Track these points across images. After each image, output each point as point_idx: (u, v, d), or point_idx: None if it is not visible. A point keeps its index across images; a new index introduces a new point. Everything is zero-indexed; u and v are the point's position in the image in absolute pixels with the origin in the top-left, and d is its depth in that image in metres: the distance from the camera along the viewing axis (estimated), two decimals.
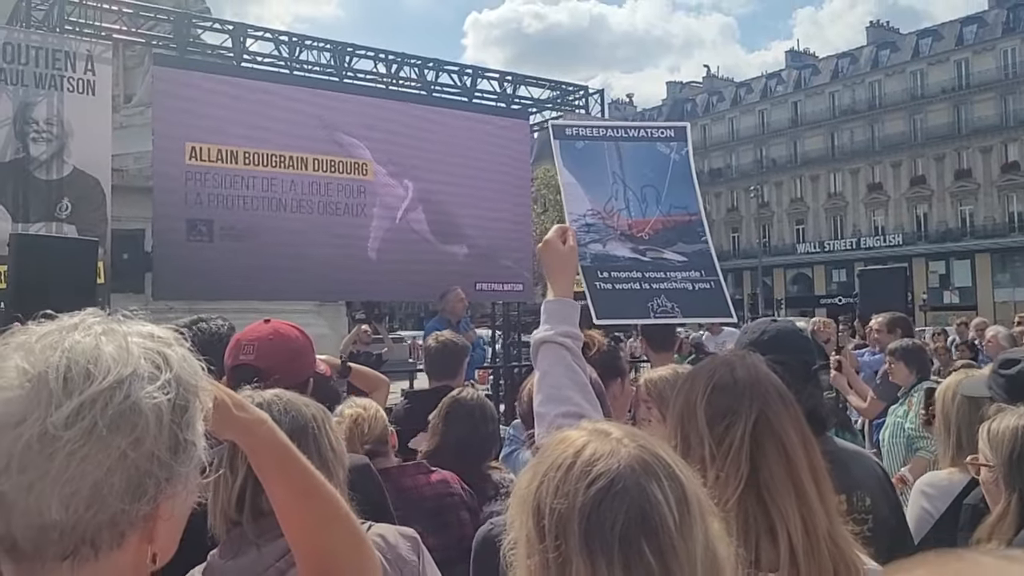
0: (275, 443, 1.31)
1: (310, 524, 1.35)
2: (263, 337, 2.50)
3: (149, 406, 0.95)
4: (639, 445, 1.16)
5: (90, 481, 0.92)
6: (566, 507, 1.10)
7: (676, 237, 2.48)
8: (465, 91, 13.17)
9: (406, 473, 3.18)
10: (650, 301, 2.40)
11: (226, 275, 10.06)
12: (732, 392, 1.73)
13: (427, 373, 5.00)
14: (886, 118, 55.94)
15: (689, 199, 2.56)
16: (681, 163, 2.62)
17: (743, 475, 1.63)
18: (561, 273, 2.22)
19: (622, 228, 2.46)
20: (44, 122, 8.88)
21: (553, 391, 2.00)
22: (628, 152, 2.60)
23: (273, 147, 10.58)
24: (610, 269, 2.40)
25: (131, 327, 1.02)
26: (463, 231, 12.15)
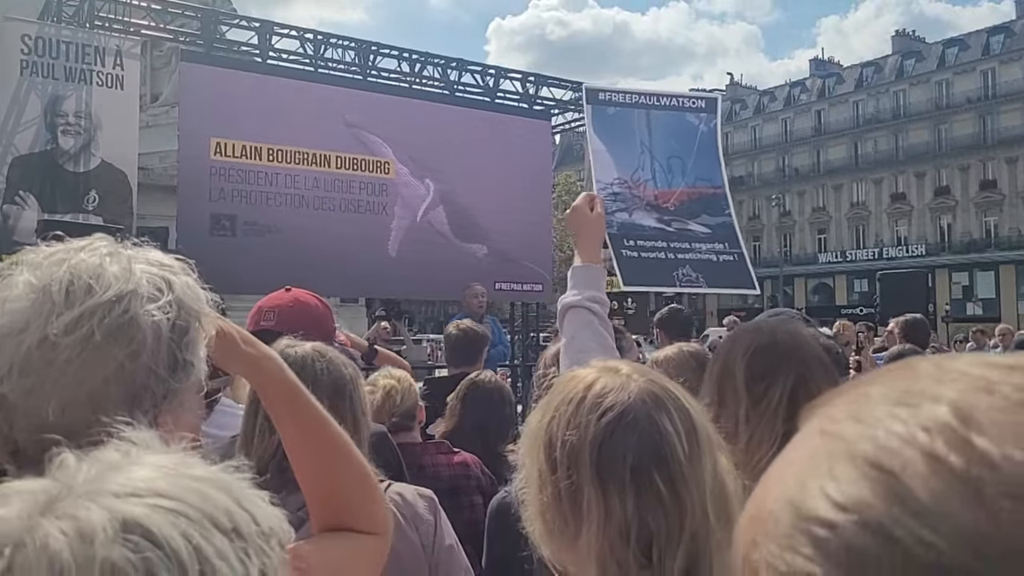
0: (283, 379, 1.32)
1: (319, 464, 1.35)
2: (284, 304, 2.56)
3: (148, 322, 0.98)
4: (648, 379, 1.19)
5: (87, 388, 0.94)
6: (578, 439, 1.13)
7: (701, 209, 2.50)
8: (488, 91, 13.21)
9: (427, 451, 3.22)
10: (675, 270, 2.42)
11: (248, 270, 10.13)
12: (772, 354, 1.74)
13: (446, 360, 5.04)
14: (910, 128, 55.50)
15: (714, 172, 2.57)
16: (708, 135, 2.64)
17: (778, 435, 1.64)
18: (588, 239, 2.24)
19: (648, 198, 2.48)
20: (73, 115, 9.02)
21: (580, 355, 2.00)
22: (657, 121, 2.62)
23: (297, 144, 10.67)
24: (636, 238, 2.42)
25: (138, 253, 1.06)
26: (483, 231, 12.18)
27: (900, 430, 0.38)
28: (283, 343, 2.05)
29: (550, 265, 13.71)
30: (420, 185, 11.66)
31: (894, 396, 0.40)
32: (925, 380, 0.40)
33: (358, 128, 11.17)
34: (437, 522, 2.06)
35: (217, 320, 1.18)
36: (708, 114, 2.60)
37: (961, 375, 0.40)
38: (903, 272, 15.49)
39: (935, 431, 0.37)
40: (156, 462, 0.63)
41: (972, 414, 0.37)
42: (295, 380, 1.33)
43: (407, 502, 2.03)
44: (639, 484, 1.10)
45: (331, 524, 1.35)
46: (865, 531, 0.36)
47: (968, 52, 54.65)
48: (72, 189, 8.93)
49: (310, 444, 1.34)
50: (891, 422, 0.39)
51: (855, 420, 0.41)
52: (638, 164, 2.55)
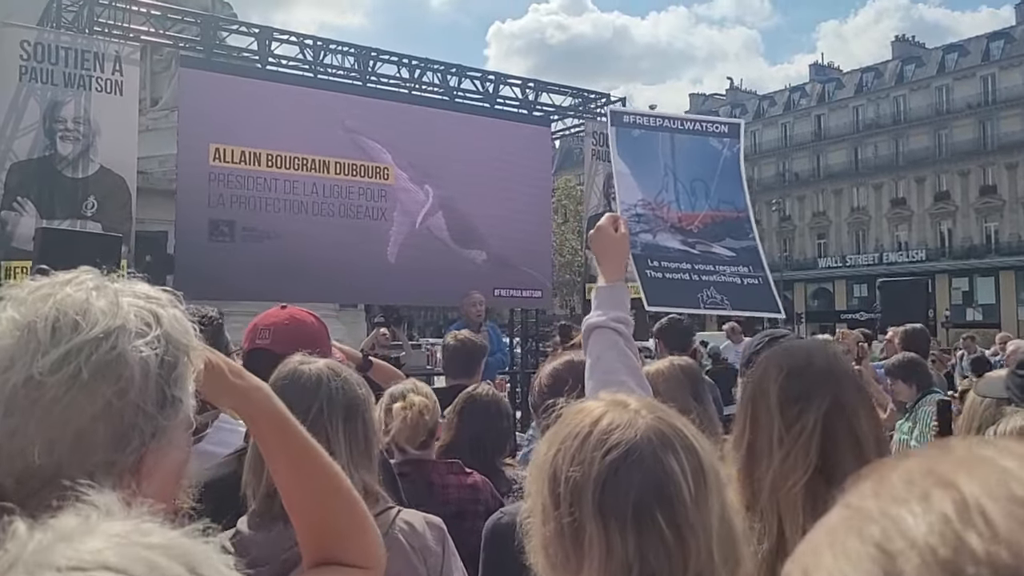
0: (273, 411, 1.30)
1: (309, 496, 1.34)
2: (279, 322, 2.54)
3: (136, 359, 0.96)
4: (656, 416, 1.17)
5: (74, 427, 0.93)
6: (581, 475, 1.11)
7: (724, 232, 2.49)
8: (487, 97, 13.21)
9: (437, 469, 3.17)
10: (700, 292, 2.41)
11: (246, 276, 10.13)
12: (807, 377, 1.72)
13: (444, 371, 5.02)
14: (910, 133, 55.54)
15: (737, 196, 2.57)
16: (731, 160, 2.64)
17: (812, 460, 1.62)
18: (612, 259, 2.23)
19: (672, 220, 2.47)
20: (72, 121, 9.00)
21: (606, 376, 1.99)
22: (681, 144, 2.62)
23: (296, 150, 10.66)
24: (660, 259, 2.41)
25: (126, 286, 1.03)
26: (483, 237, 12.17)
27: (907, 517, 0.42)
28: (296, 359, 2.04)
29: (549, 271, 13.70)
30: (419, 191, 11.65)
31: (915, 478, 0.44)
32: (949, 464, 0.44)
33: (357, 134, 11.16)
34: (445, 554, 2.03)
35: (205, 352, 1.15)
36: (731, 139, 2.62)
37: (984, 464, 0.43)
38: (903, 280, 15.50)
39: (935, 522, 0.40)
40: (111, 530, 0.61)
41: (973, 510, 0.40)
42: (285, 411, 1.32)
43: (416, 532, 1.99)
44: (641, 523, 1.08)
45: (321, 557, 1.33)
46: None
47: (968, 58, 54.70)
48: (70, 195, 8.91)
49: (300, 476, 1.33)
50: (901, 507, 0.42)
51: (875, 497, 0.44)
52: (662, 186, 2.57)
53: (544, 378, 2.47)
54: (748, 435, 1.72)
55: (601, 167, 13.19)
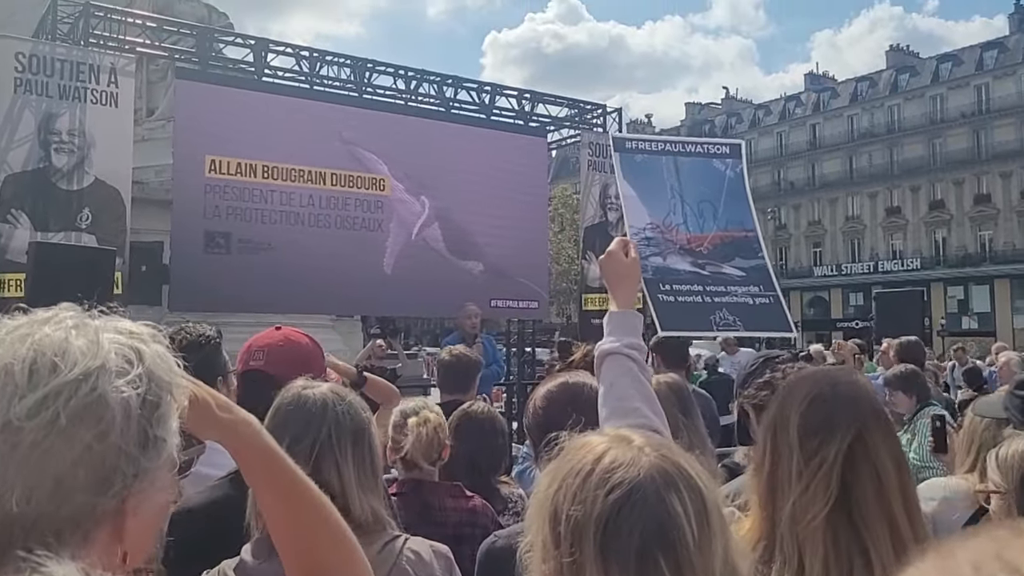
0: (260, 445, 1.29)
1: (296, 529, 1.32)
2: (273, 343, 2.53)
3: (117, 400, 0.94)
4: (660, 454, 1.15)
5: (53, 473, 0.90)
6: (583, 514, 1.09)
7: (734, 252, 2.47)
8: (483, 108, 13.22)
9: (437, 492, 3.14)
10: (712, 314, 2.39)
11: (243, 288, 10.12)
12: (830, 407, 1.69)
13: (439, 387, 5.00)
14: (905, 142, 55.70)
15: (744, 215, 2.56)
16: (736, 180, 2.63)
17: (833, 494, 1.60)
18: (624, 284, 2.20)
19: (681, 242, 2.45)
20: (67, 133, 8.98)
21: (620, 404, 1.96)
22: (685, 167, 2.61)
23: (292, 161, 10.65)
24: (671, 282, 2.39)
25: (106, 323, 1.01)
26: (479, 248, 12.17)
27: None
28: (299, 384, 2.03)
29: (546, 281, 13.71)
30: (415, 202, 11.65)
31: (982, 562, 0.43)
32: (1017, 549, 0.43)
33: (354, 145, 11.16)
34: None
35: (191, 387, 1.13)
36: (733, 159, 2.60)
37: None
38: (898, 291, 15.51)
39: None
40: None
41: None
42: (273, 445, 1.30)
43: (423, 562, 1.96)
44: (643, 566, 1.06)
45: None
46: None
47: (962, 67, 54.92)
48: (65, 207, 8.88)
49: (288, 509, 1.31)
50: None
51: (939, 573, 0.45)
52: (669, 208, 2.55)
53: (538, 400, 2.45)
54: (768, 465, 1.70)
55: (597, 177, 13.20)
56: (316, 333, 3.75)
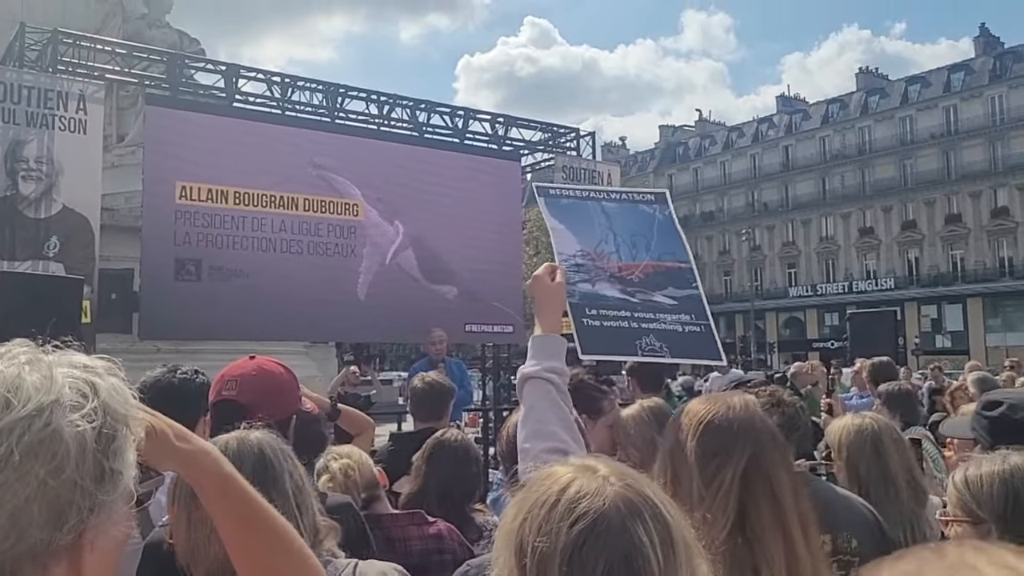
0: (220, 474, 1.27)
1: (258, 557, 1.31)
2: (247, 373, 2.48)
3: (71, 434, 0.93)
4: (625, 484, 1.13)
5: (8, 510, 0.90)
6: (548, 546, 1.08)
7: (666, 281, 2.45)
8: (457, 132, 13.23)
9: (398, 523, 3.09)
10: (639, 339, 2.37)
11: (214, 315, 10.00)
12: (726, 432, 1.70)
13: (412, 414, 4.95)
14: (876, 163, 56.47)
15: (678, 249, 2.54)
16: (666, 221, 2.61)
17: (730, 516, 1.61)
18: (549, 309, 2.23)
19: (612, 270, 2.43)
20: (34, 160, 8.87)
21: (538, 426, 1.98)
22: (612, 209, 2.60)
23: (264, 187, 10.57)
24: (599, 307, 2.37)
25: (61, 357, 1.01)
26: (453, 272, 12.12)
27: None
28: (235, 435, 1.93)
29: (521, 306, 13.66)
30: (389, 227, 11.60)
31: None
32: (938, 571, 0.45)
33: (326, 170, 11.11)
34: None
35: (148, 418, 1.13)
36: (660, 204, 2.58)
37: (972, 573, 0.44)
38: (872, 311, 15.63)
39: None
40: None
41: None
42: (233, 473, 1.29)
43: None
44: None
45: None
46: None
47: (930, 89, 55.86)
48: (32, 235, 8.76)
49: (249, 538, 1.31)
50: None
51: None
52: (601, 238, 2.51)
53: (511, 428, 2.42)
54: (670, 491, 1.69)
55: None
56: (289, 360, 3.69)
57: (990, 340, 49.28)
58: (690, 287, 2.40)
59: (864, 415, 3.25)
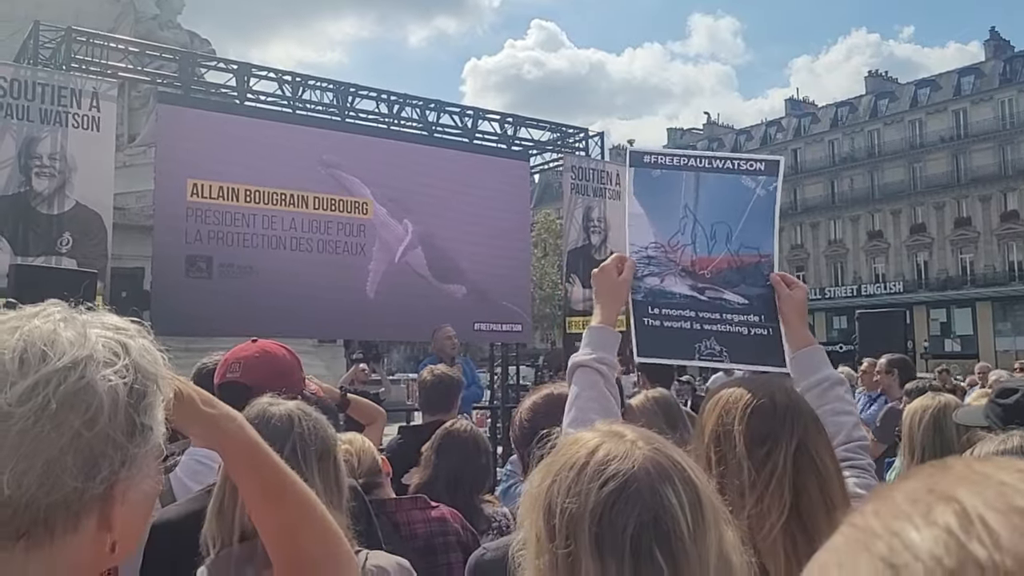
0: (245, 440, 1.29)
1: (283, 523, 1.32)
2: (250, 356, 2.51)
3: (104, 388, 0.96)
4: (654, 448, 1.15)
5: (43, 459, 0.93)
6: (577, 508, 1.10)
7: (740, 278, 2.36)
8: (466, 132, 13.26)
9: (401, 507, 3.11)
10: (698, 343, 2.31)
11: (224, 312, 10.05)
12: (772, 417, 1.69)
13: (421, 407, 4.97)
14: (885, 166, 56.28)
15: (764, 238, 2.42)
16: (765, 199, 2.47)
17: (786, 502, 1.60)
18: (609, 301, 2.24)
19: (684, 264, 2.37)
20: (48, 157, 8.94)
21: (582, 415, 2.01)
22: (708, 183, 2.48)
23: (274, 185, 10.63)
24: (662, 306, 2.31)
25: (93, 318, 1.04)
26: (462, 271, 12.16)
27: (911, 531, 0.44)
28: (265, 400, 2.00)
29: (529, 305, 13.70)
30: (398, 226, 11.64)
31: (917, 496, 0.46)
32: (949, 481, 0.46)
33: (336, 169, 11.16)
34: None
35: (175, 382, 1.15)
36: (768, 176, 2.48)
37: (983, 478, 0.45)
38: (881, 311, 15.60)
39: (939, 535, 0.43)
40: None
41: (975, 521, 0.42)
42: (258, 439, 1.31)
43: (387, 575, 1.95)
44: (638, 559, 1.06)
45: None
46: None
47: (940, 92, 55.67)
48: (45, 232, 8.82)
49: (274, 504, 1.32)
50: (905, 523, 0.44)
51: (879, 516, 0.46)
52: (678, 228, 2.43)
53: (524, 412, 2.45)
54: (716, 479, 1.70)
55: (580, 201, 13.24)
56: None
57: (1000, 344, 49.05)
58: (764, 285, 2.33)
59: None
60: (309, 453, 1.90)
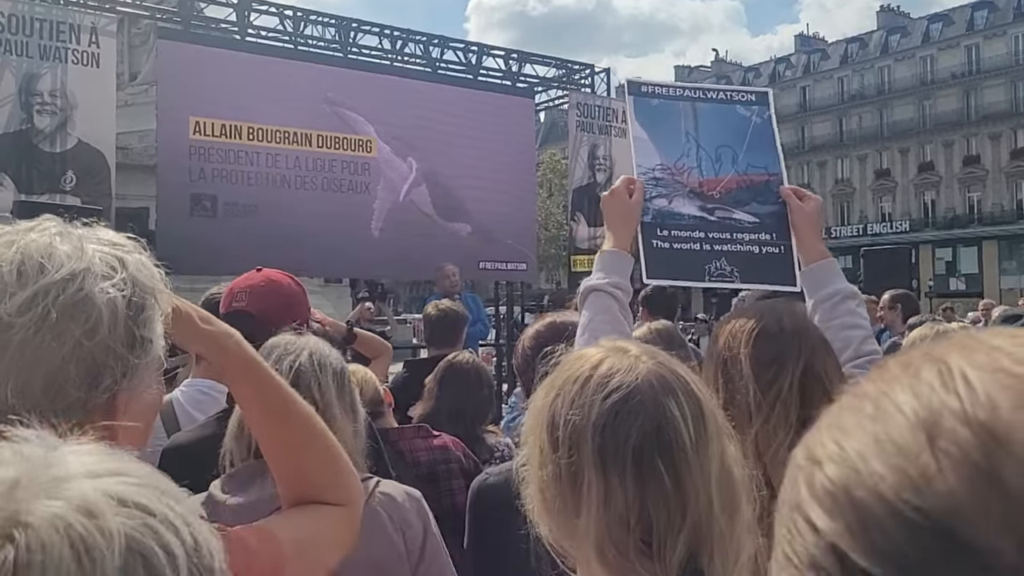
0: (244, 357, 1.30)
1: (284, 440, 1.33)
2: (256, 284, 2.51)
3: (103, 300, 0.98)
4: (657, 362, 1.16)
5: (45, 368, 0.94)
6: (581, 419, 1.11)
7: (750, 197, 2.32)
8: (470, 68, 13.11)
9: (404, 436, 3.15)
10: (708, 263, 2.28)
11: (229, 251, 10.05)
12: (779, 340, 1.69)
13: (426, 341, 5.00)
14: (895, 104, 55.59)
15: (770, 159, 2.39)
16: (762, 126, 2.43)
17: (792, 423, 1.61)
18: (622, 225, 2.20)
19: (692, 186, 2.33)
20: (48, 94, 8.87)
21: (593, 337, 1.98)
22: (704, 112, 2.45)
23: (277, 122, 10.54)
24: (671, 227, 2.27)
25: (89, 232, 1.05)
26: (467, 210, 12.12)
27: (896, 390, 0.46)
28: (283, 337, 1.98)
29: (534, 244, 13.67)
30: (403, 164, 11.57)
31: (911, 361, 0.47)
32: (944, 347, 0.47)
33: (339, 106, 11.06)
34: (426, 527, 2.00)
35: (173, 299, 1.17)
36: (760, 106, 2.43)
37: (977, 343, 0.46)
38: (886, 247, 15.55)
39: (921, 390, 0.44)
40: (82, 450, 0.62)
41: (956, 377, 0.44)
42: (256, 357, 1.32)
43: (396, 503, 1.95)
44: (641, 469, 1.08)
45: (298, 499, 1.33)
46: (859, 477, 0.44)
47: (953, 27, 54.69)
48: (49, 169, 8.80)
49: (274, 421, 1.33)
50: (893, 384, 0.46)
51: (873, 381, 0.48)
52: (683, 152, 2.38)
53: (527, 340, 2.46)
54: (722, 401, 1.71)
55: (585, 138, 13.13)
56: None
57: (1005, 282, 48.94)
58: (776, 203, 2.29)
59: None
60: (325, 367, 1.91)
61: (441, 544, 2.03)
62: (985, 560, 0.38)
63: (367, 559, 1.75)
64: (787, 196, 2.27)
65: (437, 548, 1.99)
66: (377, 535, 1.84)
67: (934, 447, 0.41)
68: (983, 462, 0.40)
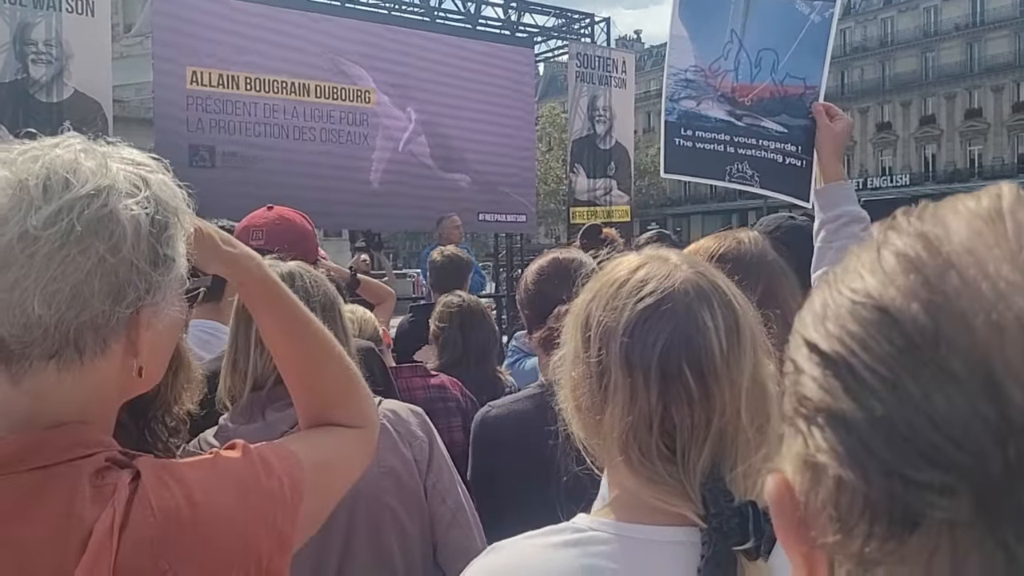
0: (264, 277, 1.31)
1: (302, 360, 1.35)
2: (271, 221, 2.54)
3: (127, 216, 0.99)
4: (697, 271, 1.16)
5: (71, 281, 0.96)
6: (612, 320, 1.12)
7: (781, 108, 2.31)
8: (469, 18, 12.96)
9: (401, 375, 3.17)
10: (730, 165, 2.28)
11: (228, 202, 9.88)
12: (738, 264, 1.70)
13: (432, 287, 5.02)
14: (897, 56, 55.11)
15: (812, 69, 2.36)
16: (819, 27, 2.39)
17: None
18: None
19: (724, 90, 2.31)
20: (43, 43, 8.76)
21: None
22: (757, 7, 2.39)
23: (274, 73, 10.43)
24: (695, 128, 2.26)
25: (113, 151, 1.07)
26: (466, 161, 12.06)
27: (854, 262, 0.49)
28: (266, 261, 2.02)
29: (533, 196, 13.63)
30: (401, 114, 11.49)
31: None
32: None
33: (337, 56, 10.94)
34: (431, 439, 2.05)
35: (195, 220, 1.18)
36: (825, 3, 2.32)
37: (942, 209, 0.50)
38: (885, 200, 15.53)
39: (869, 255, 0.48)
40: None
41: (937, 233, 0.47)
42: (275, 278, 1.34)
43: (401, 418, 2.01)
44: (665, 374, 1.08)
45: (316, 421, 1.35)
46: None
47: None
48: (45, 120, 8.71)
49: (292, 340, 1.35)
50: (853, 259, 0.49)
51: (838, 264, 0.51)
52: (721, 54, 2.29)
53: (530, 276, 2.46)
54: None
55: (585, 89, 13.02)
56: None
57: None
58: (806, 116, 2.30)
59: None
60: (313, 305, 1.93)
61: (446, 455, 2.08)
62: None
63: (383, 469, 1.80)
64: (818, 113, 2.27)
65: (443, 459, 2.05)
66: (387, 448, 1.89)
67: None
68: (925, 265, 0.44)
